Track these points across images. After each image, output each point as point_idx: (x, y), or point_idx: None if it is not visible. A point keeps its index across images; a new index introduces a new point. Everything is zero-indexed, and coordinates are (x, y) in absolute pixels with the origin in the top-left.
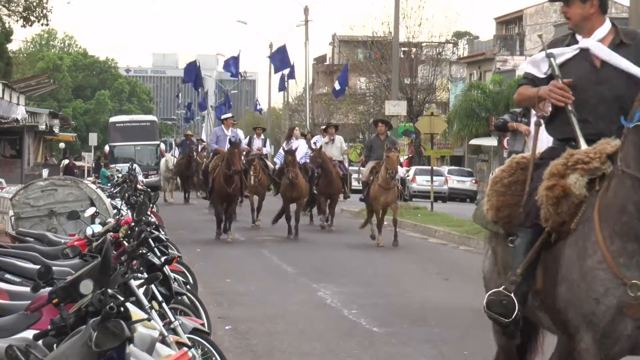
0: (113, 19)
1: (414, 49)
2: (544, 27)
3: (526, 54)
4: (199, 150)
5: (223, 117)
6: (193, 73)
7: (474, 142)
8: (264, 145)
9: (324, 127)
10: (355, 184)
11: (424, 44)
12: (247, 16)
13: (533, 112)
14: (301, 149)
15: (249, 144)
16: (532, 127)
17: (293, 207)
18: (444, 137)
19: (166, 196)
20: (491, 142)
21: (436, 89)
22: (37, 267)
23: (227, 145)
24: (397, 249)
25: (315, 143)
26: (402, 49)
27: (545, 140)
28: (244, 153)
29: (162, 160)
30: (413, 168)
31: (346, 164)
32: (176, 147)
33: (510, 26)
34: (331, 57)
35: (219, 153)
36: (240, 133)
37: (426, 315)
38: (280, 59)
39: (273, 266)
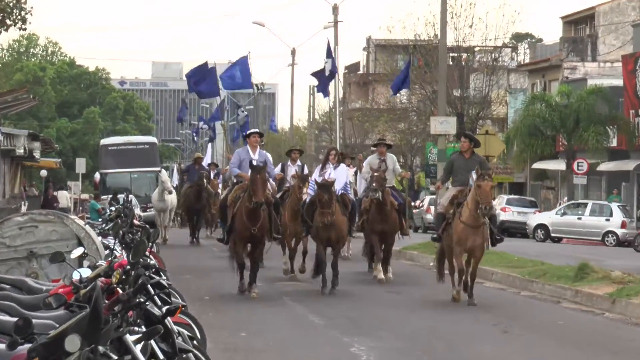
0: (104, 21)
1: (464, 55)
2: (620, 28)
3: (599, 60)
4: (211, 177)
5: (249, 132)
6: (204, 79)
7: (537, 165)
8: (302, 172)
9: (373, 145)
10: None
11: (476, 49)
12: (265, 18)
13: None
14: (340, 178)
15: (282, 170)
16: None
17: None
18: (501, 161)
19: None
20: (558, 165)
21: (492, 102)
22: (15, 319)
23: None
24: (443, 294)
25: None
26: (451, 54)
27: None
28: (276, 182)
29: (156, 191)
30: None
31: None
32: (177, 173)
33: (580, 26)
34: (365, 64)
35: (241, 181)
36: (269, 157)
37: None
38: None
39: (297, 316)
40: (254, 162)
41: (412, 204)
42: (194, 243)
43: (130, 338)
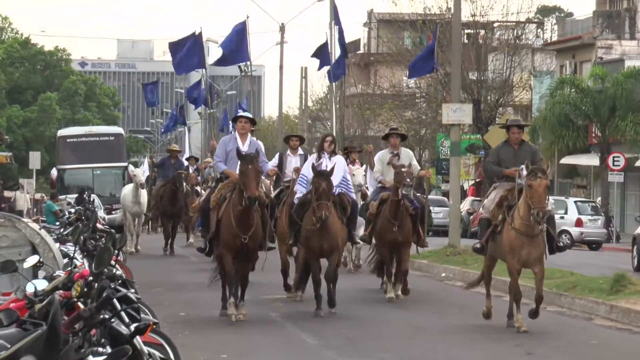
0: None
1: (482, 32)
2: None
3: (638, 38)
4: (190, 172)
5: (236, 116)
6: (188, 52)
7: (566, 160)
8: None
9: (383, 136)
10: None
11: (495, 25)
12: None
13: None
14: (337, 172)
15: (280, 164)
16: None
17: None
18: None
19: (131, 242)
20: (591, 160)
21: (513, 86)
22: None
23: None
24: (458, 310)
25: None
26: (466, 31)
27: None
28: (269, 179)
29: (126, 189)
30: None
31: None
32: (149, 168)
33: None
34: (366, 43)
35: (227, 178)
36: (261, 146)
37: None
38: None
39: (287, 336)
40: (244, 152)
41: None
42: (168, 253)
43: None
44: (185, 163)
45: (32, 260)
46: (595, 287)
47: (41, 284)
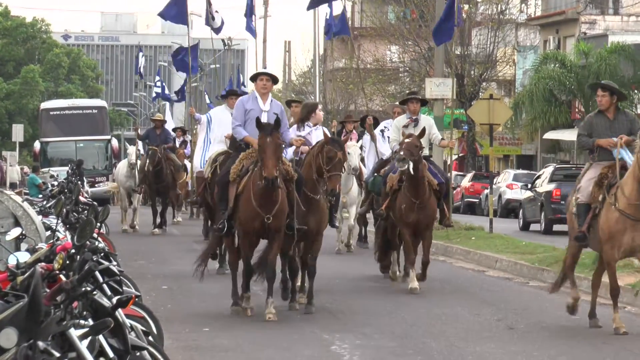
0: None
1: (465, 6)
2: None
3: (622, 14)
4: (177, 145)
5: (255, 73)
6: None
7: (549, 135)
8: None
9: (401, 101)
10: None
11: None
12: None
13: None
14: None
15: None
16: None
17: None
18: (508, 130)
19: (125, 219)
20: (574, 135)
21: (497, 61)
22: None
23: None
24: (439, 284)
25: (383, 130)
26: None
27: None
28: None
29: (121, 164)
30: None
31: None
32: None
33: None
34: (350, 17)
35: (248, 146)
36: (283, 109)
37: None
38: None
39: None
40: (263, 119)
41: None
42: (160, 231)
43: (75, 333)
44: (172, 134)
45: (15, 232)
46: (578, 262)
47: (23, 257)
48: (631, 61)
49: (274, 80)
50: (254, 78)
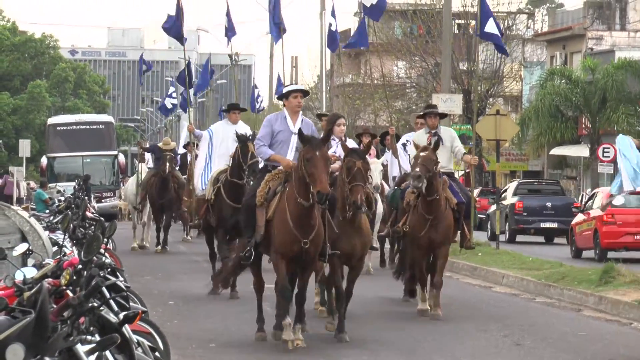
0: None
1: (472, 22)
2: None
3: (629, 29)
4: (189, 160)
5: (288, 90)
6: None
7: (556, 151)
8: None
9: (419, 115)
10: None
11: None
12: None
13: None
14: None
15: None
16: None
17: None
18: (515, 145)
19: (135, 236)
20: (581, 151)
21: (504, 77)
22: None
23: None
24: (448, 301)
25: (405, 144)
26: (457, 21)
27: None
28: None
29: (130, 181)
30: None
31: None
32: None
33: None
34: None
35: (274, 166)
36: (314, 128)
37: None
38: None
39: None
40: (293, 142)
41: None
42: (162, 250)
43: (82, 348)
44: (179, 152)
45: (22, 248)
46: (584, 278)
47: (30, 272)
48: (638, 77)
49: (306, 95)
50: (286, 96)
